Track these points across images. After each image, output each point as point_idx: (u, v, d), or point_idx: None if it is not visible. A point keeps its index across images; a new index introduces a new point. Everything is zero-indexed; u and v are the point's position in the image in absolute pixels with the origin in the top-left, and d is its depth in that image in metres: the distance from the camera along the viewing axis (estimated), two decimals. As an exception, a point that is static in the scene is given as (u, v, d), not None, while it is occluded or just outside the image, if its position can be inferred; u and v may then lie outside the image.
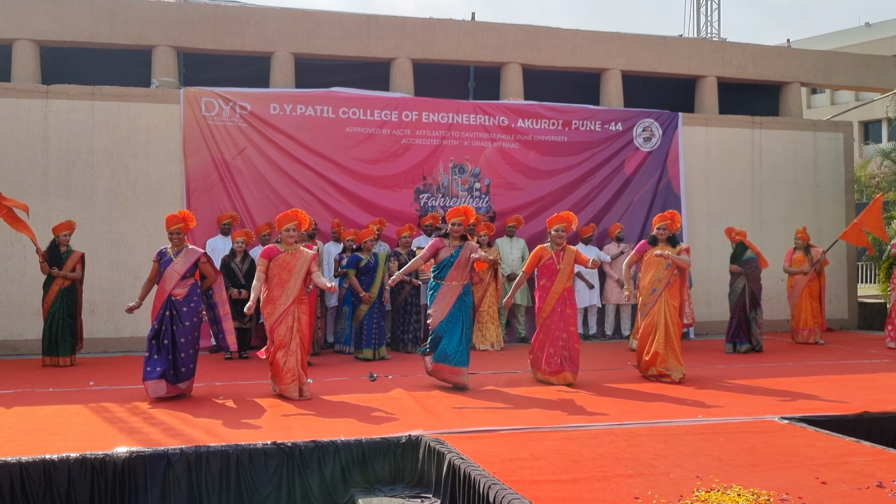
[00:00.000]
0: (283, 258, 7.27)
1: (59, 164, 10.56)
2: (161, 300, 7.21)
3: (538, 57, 12.66)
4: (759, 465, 4.80)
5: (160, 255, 7.36)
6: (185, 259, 7.29)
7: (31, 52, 10.98)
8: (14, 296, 10.32)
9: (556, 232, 8.14)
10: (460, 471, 4.75)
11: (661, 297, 8.29)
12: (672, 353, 8.24)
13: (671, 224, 8.44)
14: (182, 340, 7.13)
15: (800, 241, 11.63)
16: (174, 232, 7.35)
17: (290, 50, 11.72)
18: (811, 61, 14.20)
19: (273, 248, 7.38)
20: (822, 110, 33.45)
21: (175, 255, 7.29)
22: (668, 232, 8.42)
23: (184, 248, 7.36)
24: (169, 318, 7.13)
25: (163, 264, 7.27)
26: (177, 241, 7.35)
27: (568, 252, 8.13)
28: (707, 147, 13.07)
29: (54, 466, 4.96)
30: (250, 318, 9.81)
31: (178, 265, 7.25)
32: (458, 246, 7.84)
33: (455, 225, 7.85)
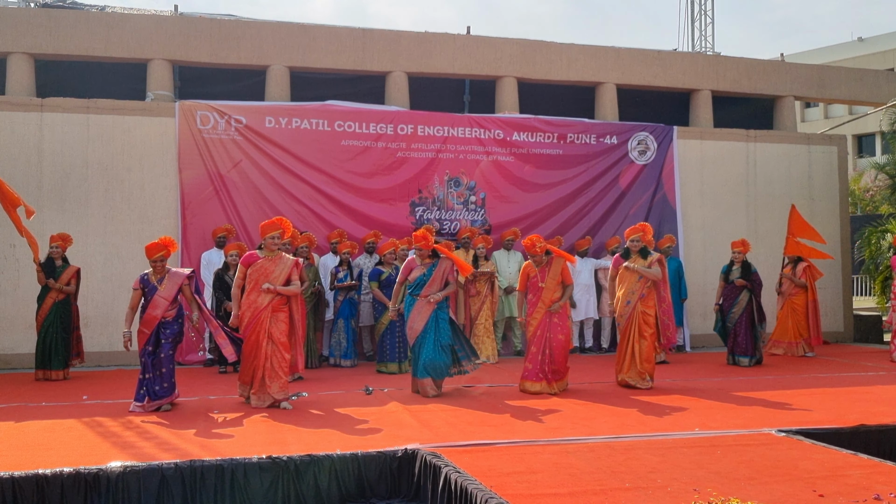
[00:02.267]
0: (261, 263, 7.41)
1: (53, 177, 10.53)
2: (151, 325, 7.18)
3: (533, 71, 12.70)
4: (756, 478, 4.78)
5: (143, 282, 7.25)
6: (170, 284, 7.23)
7: (26, 66, 10.97)
8: (7, 309, 10.27)
9: (531, 257, 8.46)
10: (457, 485, 4.71)
11: (634, 309, 8.56)
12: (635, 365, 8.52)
13: (643, 236, 8.72)
14: (163, 356, 7.17)
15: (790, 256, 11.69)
16: (157, 260, 7.25)
17: (285, 63, 11.74)
18: (805, 75, 14.28)
19: (252, 255, 7.50)
20: (815, 124, 33.65)
21: (158, 281, 7.23)
22: (640, 244, 8.70)
23: (166, 273, 7.30)
24: (157, 340, 7.15)
25: (147, 292, 7.22)
26: (159, 269, 7.28)
27: (553, 267, 8.35)
28: (702, 160, 13.11)
29: (47, 481, 4.91)
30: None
31: (165, 292, 7.19)
32: (432, 264, 8.17)
33: (419, 250, 8.19)
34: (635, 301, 8.54)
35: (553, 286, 8.31)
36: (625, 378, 8.58)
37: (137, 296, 7.27)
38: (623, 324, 8.64)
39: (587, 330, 12.06)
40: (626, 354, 8.61)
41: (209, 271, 10.33)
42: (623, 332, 8.65)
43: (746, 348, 10.41)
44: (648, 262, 8.60)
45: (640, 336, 8.53)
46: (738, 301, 10.53)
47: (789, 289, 11.67)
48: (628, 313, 8.58)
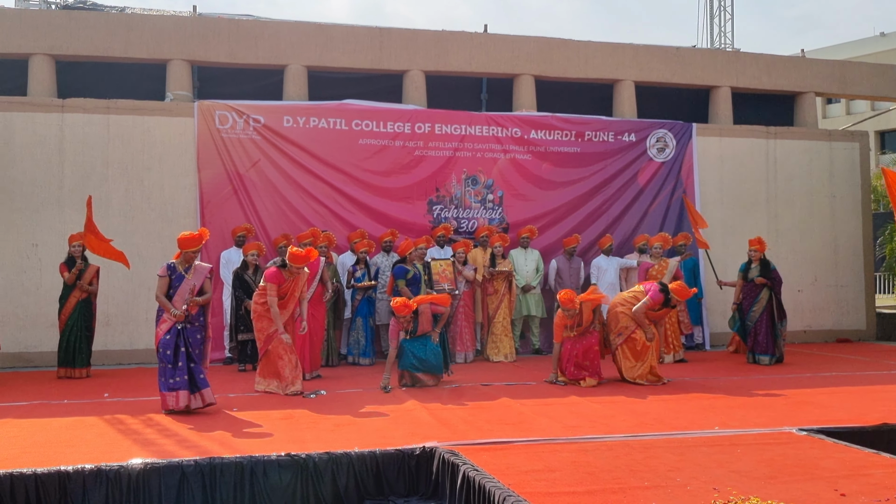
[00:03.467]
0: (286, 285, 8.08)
1: (74, 177, 10.64)
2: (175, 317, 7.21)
3: (551, 68, 12.66)
4: (776, 478, 4.74)
5: (170, 269, 7.28)
6: (197, 275, 7.30)
7: (47, 67, 11.08)
8: (29, 308, 10.38)
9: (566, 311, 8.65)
10: (475, 483, 4.71)
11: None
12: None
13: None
14: (196, 352, 7.19)
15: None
16: (194, 252, 7.37)
17: (303, 63, 11.77)
18: (826, 71, 14.13)
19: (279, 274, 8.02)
20: (837, 120, 33.29)
21: (185, 270, 7.29)
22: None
23: (193, 264, 7.38)
24: (181, 332, 7.14)
25: (174, 280, 7.26)
26: (190, 259, 7.37)
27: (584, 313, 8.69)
28: (721, 157, 13.02)
29: (69, 478, 4.97)
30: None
31: (192, 280, 7.26)
32: (413, 319, 8.53)
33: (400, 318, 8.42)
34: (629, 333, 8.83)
35: (585, 327, 8.76)
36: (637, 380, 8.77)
37: (165, 282, 7.26)
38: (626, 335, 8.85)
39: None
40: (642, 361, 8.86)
41: (228, 270, 10.39)
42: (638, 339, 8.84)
43: (767, 347, 10.33)
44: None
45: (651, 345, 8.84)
46: (759, 299, 10.45)
47: None
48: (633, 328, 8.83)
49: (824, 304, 13.45)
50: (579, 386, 8.54)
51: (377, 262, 10.69)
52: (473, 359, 10.66)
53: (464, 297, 10.53)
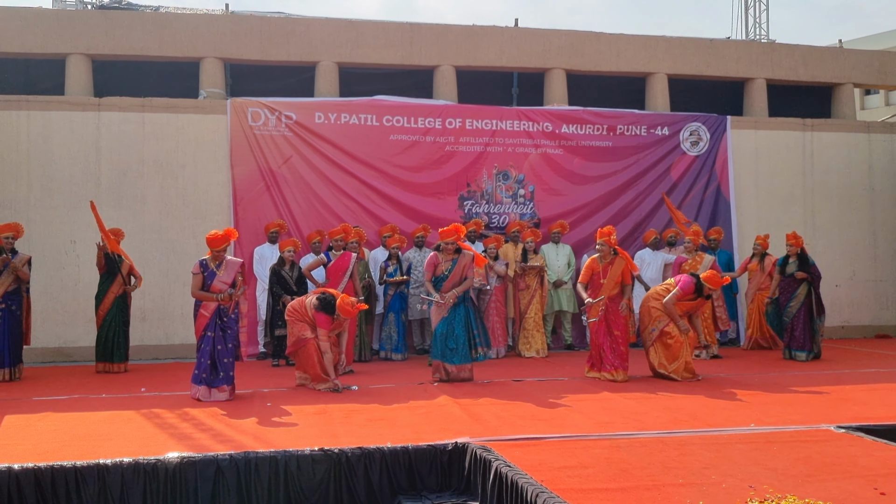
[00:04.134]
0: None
1: (110, 174, 10.80)
2: (211, 310, 7.38)
3: (582, 62, 12.57)
4: (814, 476, 4.67)
5: (202, 266, 7.56)
6: (228, 271, 7.52)
7: (84, 66, 11.25)
8: (68, 304, 10.57)
9: (599, 247, 8.69)
10: (507, 479, 4.70)
11: None
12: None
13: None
14: (219, 347, 7.36)
15: (758, 248, 11.31)
16: (222, 250, 7.57)
17: (334, 59, 11.82)
18: (864, 61, 13.84)
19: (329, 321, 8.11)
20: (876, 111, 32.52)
21: (217, 267, 7.47)
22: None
23: (224, 260, 7.55)
24: (216, 326, 7.30)
25: (207, 276, 7.47)
26: (220, 256, 7.58)
27: (615, 266, 8.58)
28: (757, 151, 12.83)
29: (108, 471, 5.05)
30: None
31: (224, 276, 7.46)
32: (454, 259, 8.46)
33: (447, 244, 8.43)
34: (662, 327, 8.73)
35: (612, 285, 8.58)
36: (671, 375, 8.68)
37: (199, 279, 7.54)
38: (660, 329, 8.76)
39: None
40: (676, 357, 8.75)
41: (262, 266, 10.50)
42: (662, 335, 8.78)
43: (804, 343, 10.17)
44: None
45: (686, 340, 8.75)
46: (796, 295, 10.29)
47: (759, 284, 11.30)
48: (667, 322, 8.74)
49: (863, 300, 13.21)
50: (609, 380, 8.50)
51: (409, 258, 10.71)
52: (505, 354, 10.64)
53: (495, 292, 10.50)
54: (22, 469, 4.97)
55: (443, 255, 8.49)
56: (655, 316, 8.75)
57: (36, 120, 10.67)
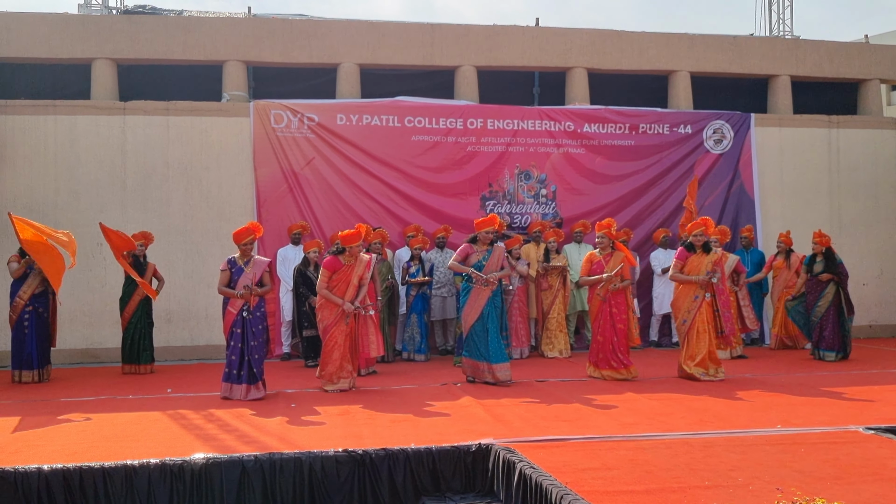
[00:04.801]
0: (343, 271, 7.96)
1: (136, 177, 10.92)
2: (238, 307, 7.44)
3: (604, 61, 12.51)
4: (843, 478, 4.61)
5: (231, 263, 7.66)
6: (255, 268, 7.58)
7: (110, 71, 11.38)
8: (95, 305, 10.70)
9: (599, 239, 8.73)
10: (532, 480, 4.69)
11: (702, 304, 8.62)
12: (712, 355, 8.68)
13: (706, 230, 8.83)
14: (253, 343, 7.41)
15: (782, 245, 11.14)
16: (247, 244, 7.60)
17: (355, 61, 11.86)
18: (891, 57, 13.64)
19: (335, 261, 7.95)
20: (902, 107, 32.11)
21: (245, 264, 7.52)
22: (703, 238, 8.75)
23: (251, 258, 7.62)
24: (243, 323, 7.36)
25: (234, 273, 7.52)
26: (246, 252, 7.64)
27: (613, 260, 8.59)
28: (781, 148, 12.70)
29: (135, 472, 5.11)
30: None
31: (251, 274, 7.50)
32: (487, 251, 8.38)
33: (486, 233, 8.38)
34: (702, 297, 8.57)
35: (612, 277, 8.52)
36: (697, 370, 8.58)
37: (226, 276, 7.64)
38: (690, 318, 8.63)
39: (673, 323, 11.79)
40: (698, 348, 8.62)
41: (285, 267, 10.56)
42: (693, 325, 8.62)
43: (833, 343, 10.02)
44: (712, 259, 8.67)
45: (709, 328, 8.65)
46: (825, 294, 10.14)
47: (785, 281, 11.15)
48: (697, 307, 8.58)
49: (891, 299, 13.03)
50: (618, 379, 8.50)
51: (431, 258, 10.72)
52: (528, 355, 10.62)
53: (518, 292, 10.48)
54: (51, 470, 5.04)
55: (478, 245, 8.41)
56: (684, 307, 8.66)
57: (63, 124, 10.82)
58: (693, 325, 8.60)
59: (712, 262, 8.64)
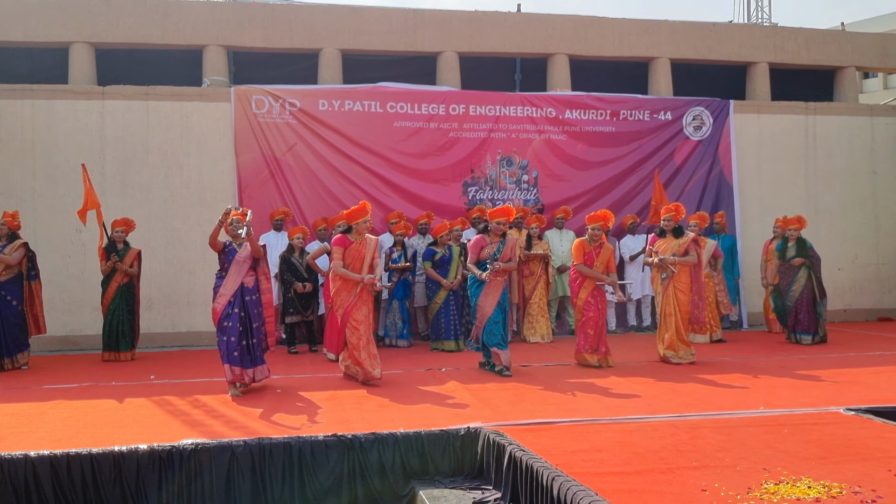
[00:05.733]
0: (354, 247, 7.66)
1: (115, 163, 10.79)
2: (233, 288, 7.26)
3: (585, 47, 12.53)
4: (827, 458, 4.71)
5: (226, 244, 7.47)
6: (247, 249, 7.44)
7: (87, 55, 11.21)
8: (74, 292, 10.59)
9: (594, 231, 8.60)
10: (522, 463, 4.74)
11: (669, 286, 8.78)
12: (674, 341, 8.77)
13: (675, 215, 8.90)
14: (255, 325, 7.30)
15: (778, 230, 11.29)
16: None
17: (337, 46, 11.79)
18: (867, 45, 13.81)
19: (345, 238, 7.68)
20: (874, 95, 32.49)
21: (238, 246, 7.44)
22: (673, 224, 8.87)
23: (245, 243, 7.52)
24: (242, 304, 7.25)
25: (228, 253, 7.40)
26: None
27: (604, 251, 8.61)
28: (759, 135, 12.83)
29: (124, 458, 5.09)
30: (312, 310, 9.94)
31: (244, 254, 7.37)
32: (500, 242, 8.29)
33: (499, 224, 8.25)
34: (669, 278, 8.73)
35: (601, 269, 8.58)
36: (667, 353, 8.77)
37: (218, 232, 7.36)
38: (661, 301, 8.84)
39: (644, 308, 11.94)
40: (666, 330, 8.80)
41: (269, 253, 10.46)
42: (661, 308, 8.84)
43: (809, 326, 10.20)
44: (682, 242, 8.79)
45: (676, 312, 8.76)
46: (797, 279, 10.30)
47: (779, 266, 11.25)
48: (663, 290, 8.79)
49: (865, 283, 13.26)
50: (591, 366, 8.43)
51: (413, 245, 10.72)
52: (511, 339, 10.65)
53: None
54: (38, 456, 5.00)
55: (490, 236, 8.31)
56: (656, 290, 8.92)
57: (40, 109, 10.66)
58: (662, 309, 8.81)
59: (680, 244, 8.76)
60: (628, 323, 11.84)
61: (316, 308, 10.22)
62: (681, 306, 8.75)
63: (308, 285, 9.90)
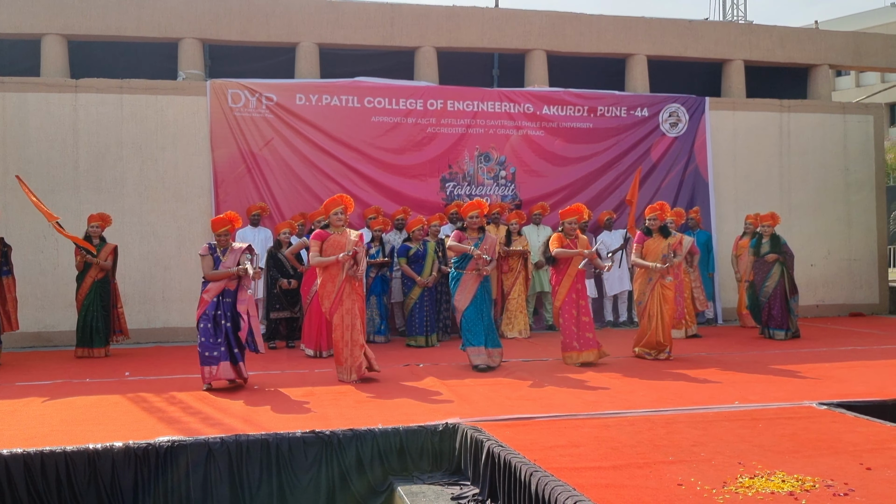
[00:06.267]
0: (334, 238, 7.51)
1: (88, 157, 10.65)
2: (216, 292, 7.23)
3: (563, 43, 12.57)
4: (801, 452, 4.77)
5: (211, 249, 7.38)
6: (232, 256, 7.36)
7: (60, 47, 11.05)
8: (47, 288, 10.45)
9: (569, 224, 8.55)
10: (500, 458, 4.75)
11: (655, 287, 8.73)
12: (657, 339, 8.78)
13: (660, 214, 8.90)
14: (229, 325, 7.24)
15: (750, 227, 11.41)
16: (221, 234, 7.42)
17: (314, 40, 11.71)
18: (840, 43, 13.98)
19: (323, 232, 7.57)
20: (847, 93, 33.00)
21: (222, 252, 7.38)
22: (658, 223, 8.84)
23: (228, 246, 7.45)
24: (226, 305, 7.21)
25: (213, 262, 7.35)
26: (223, 242, 7.43)
27: (581, 241, 8.60)
28: (735, 132, 12.94)
29: (98, 455, 5.04)
30: (299, 307, 9.89)
31: (228, 262, 7.31)
32: (479, 238, 8.27)
33: (472, 218, 8.24)
34: (656, 280, 8.69)
35: (579, 260, 8.48)
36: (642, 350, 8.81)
37: (209, 261, 7.31)
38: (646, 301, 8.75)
39: (621, 304, 12.01)
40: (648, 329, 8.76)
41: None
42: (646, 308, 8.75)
43: (782, 322, 10.33)
44: (672, 242, 8.81)
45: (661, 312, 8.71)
46: (771, 275, 10.42)
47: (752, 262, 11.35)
48: (650, 290, 8.73)
49: (837, 279, 13.44)
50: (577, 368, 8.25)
51: (390, 240, 10.70)
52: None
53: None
54: (11, 455, 4.94)
55: (468, 232, 8.29)
56: (638, 289, 8.86)
57: (11, 102, 10.48)
58: (646, 308, 8.76)
59: (669, 245, 8.78)
60: (605, 318, 11.90)
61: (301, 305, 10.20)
62: (669, 304, 8.69)
63: (293, 282, 9.84)
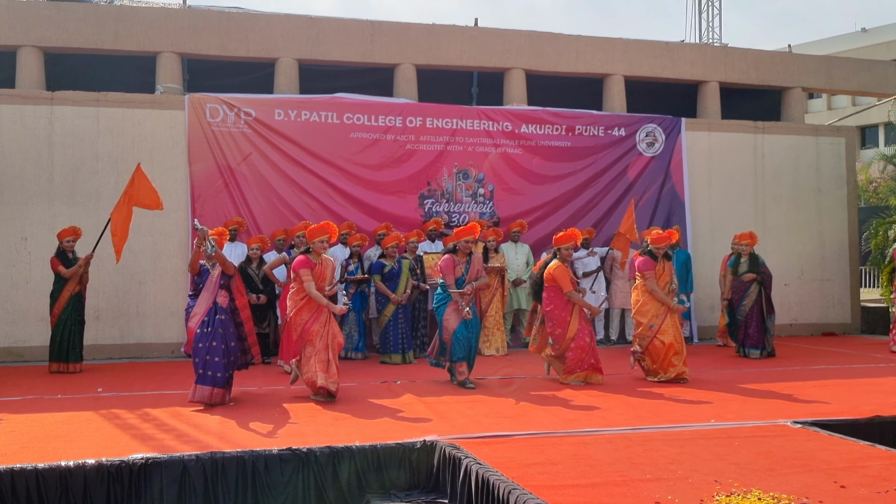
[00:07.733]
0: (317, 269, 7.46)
1: (64, 170, 10.54)
2: (207, 307, 7.20)
3: (541, 62, 12.68)
4: (776, 469, 4.81)
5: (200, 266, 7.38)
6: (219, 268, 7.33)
7: (36, 59, 10.96)
8: (19, 302, 10.29)
9: (566, 251, 8.53)
10: (478, 476, 4.74)
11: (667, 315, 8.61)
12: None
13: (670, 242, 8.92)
14: (233, 344, 7.24)
15: (736, 246, 11.52)
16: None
17: (294, 56, 11.72)
18: (813, 66, 14.25)
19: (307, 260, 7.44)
20: (818, 115, 33.57)
21: (212, 266, 7.34)
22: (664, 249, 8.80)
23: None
24: (218, 322, 7.15)
25: (202, 274, 7.31)
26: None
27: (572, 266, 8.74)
28: (710, 152, 13.10)
29: (70, 473, 4.96)
30: (268, 322, 9.81)
31: (216, 273, 7.28)
32: (467, 261, 8.34)
33: (467, 243, 8.30)
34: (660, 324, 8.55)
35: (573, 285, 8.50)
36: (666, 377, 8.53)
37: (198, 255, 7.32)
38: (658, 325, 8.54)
39: (598, 322, 12.05)
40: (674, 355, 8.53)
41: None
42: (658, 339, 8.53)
43: (757, 341, 10.43)
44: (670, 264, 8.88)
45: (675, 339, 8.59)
46: (748, 294, 10.53)
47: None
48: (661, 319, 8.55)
49: (810, 298, 13.59)
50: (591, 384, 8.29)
51: (370, 256, 10.68)
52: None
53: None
54: (-20, 472, 4.84)
55: (458, 256, 8.32)
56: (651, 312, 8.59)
57: (-15, 113, 10.36)
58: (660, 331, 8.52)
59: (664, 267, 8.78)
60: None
61: (273, 319, 10.12)
62: (677, 331, 8.61)
63: (262, 297, 9.80)
